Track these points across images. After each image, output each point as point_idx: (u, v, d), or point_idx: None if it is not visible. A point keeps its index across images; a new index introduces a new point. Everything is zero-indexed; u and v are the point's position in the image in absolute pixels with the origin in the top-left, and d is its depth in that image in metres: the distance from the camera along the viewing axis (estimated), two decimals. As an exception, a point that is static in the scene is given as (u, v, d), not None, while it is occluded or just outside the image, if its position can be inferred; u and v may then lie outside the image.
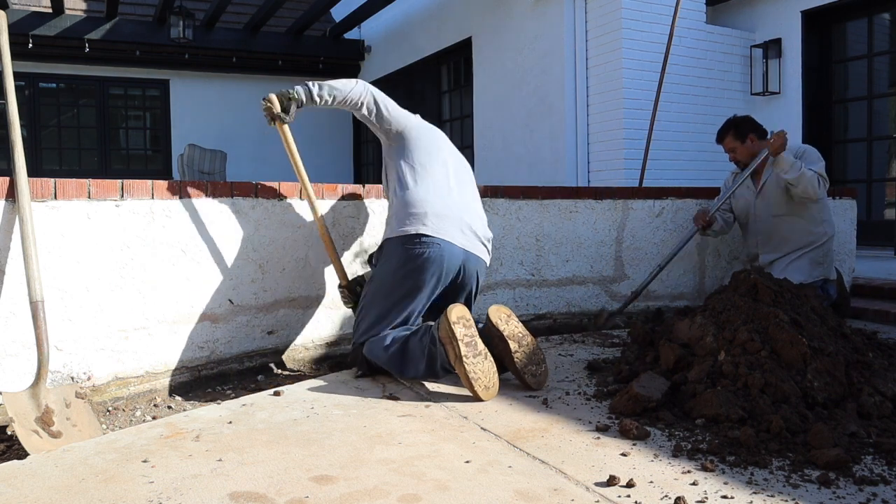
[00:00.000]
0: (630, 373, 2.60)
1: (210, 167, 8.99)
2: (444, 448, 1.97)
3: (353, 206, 3.30)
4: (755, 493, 1.69)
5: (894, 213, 6.15)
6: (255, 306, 3.07)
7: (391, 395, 2.50)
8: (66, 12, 8.78)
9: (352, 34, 10.16)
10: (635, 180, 5.51)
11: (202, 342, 2.92)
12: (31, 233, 2.36)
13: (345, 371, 2.89)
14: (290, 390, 2.57)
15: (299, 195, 3.17)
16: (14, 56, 2.86)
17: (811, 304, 2.67)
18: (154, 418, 2.51)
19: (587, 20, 6.46)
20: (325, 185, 3.24)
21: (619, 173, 6.14)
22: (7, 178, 2.43)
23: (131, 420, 2.55)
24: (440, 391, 2.55)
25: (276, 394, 2.51)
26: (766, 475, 1.80)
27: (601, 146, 6.39)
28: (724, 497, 1.66)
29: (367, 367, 2.74)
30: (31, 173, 2.51)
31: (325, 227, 3.00)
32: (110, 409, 2.62)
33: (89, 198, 2.60)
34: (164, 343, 2.80)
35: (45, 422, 2.17)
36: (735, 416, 2.11)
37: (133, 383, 2.72)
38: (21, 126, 2.74)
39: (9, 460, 1.95)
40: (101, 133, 9.85)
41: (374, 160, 10.81)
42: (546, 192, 3.85)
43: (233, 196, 2.98)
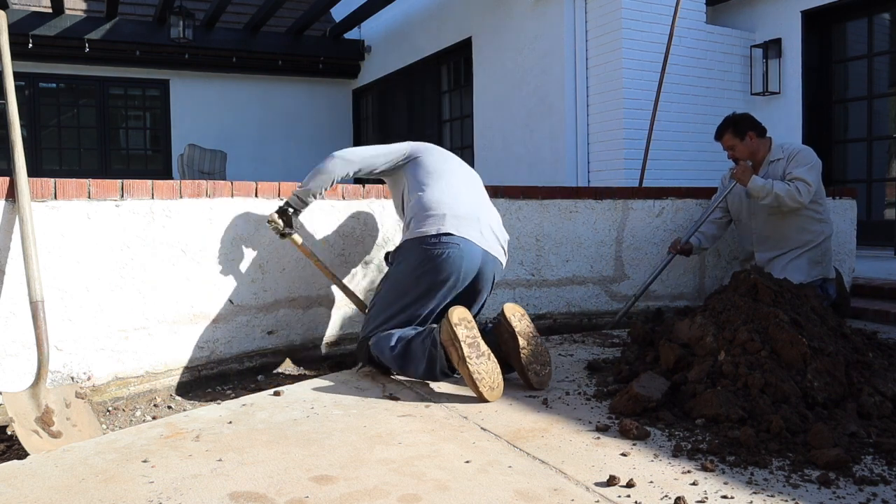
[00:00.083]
0: (630, 373, 2.60)
1: (210, 167, 8.99)
2: (444, 448, 1.97)
3: (353, 207, 3.30)
4: (755, 493, 1.69)
5: (894, 213, 6.15)
6: (255, 306, 3.07)
7: (391, 395, 2.50)
8: (66, 12, 8.78)
9: (352, 34, 10.16)
10: (635, 180, 5.51)
11: (202, 342, 2.92)
12: (31, 233, 2.36)
13: (345, 371, 2.89)
14: (290, 390, 2.57)
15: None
16: (14, 56, 2.86)
17: (811, 304, 2.67)
18: (154, 418, 2.51)
19: (587, 20, 6.46)
20: (325, 185, 3.24)
21: (619, 173, 6.14)
22: (7, 178, 2.43)
23: (131, 420, 2.55)
24: (440, 391, 2.55)
25: (276, 394, 2.51)
26: (766, 475, 1.80)
27: (601, 146, 6.39)
28: (724, 497, 1.66)
29: (371, 362, 2.74)
30: (31, 173, 2.51)
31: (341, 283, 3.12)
32: (110, 409, 2.62)
33: (89, 198, 2.60)
34: (164, 343, 2.80)
35: (45, 422, 2.17)
36: (735, 416, 2.11)
37: (133, 383, 2.72)
38: (21, 126, 2.74)
39: (9, 460, 1.95)
40: (101, 133, 9.85)
41: (374, 160, 10.80)
42: (546, 192, 3.85)
43: (233, 196, 2.99)
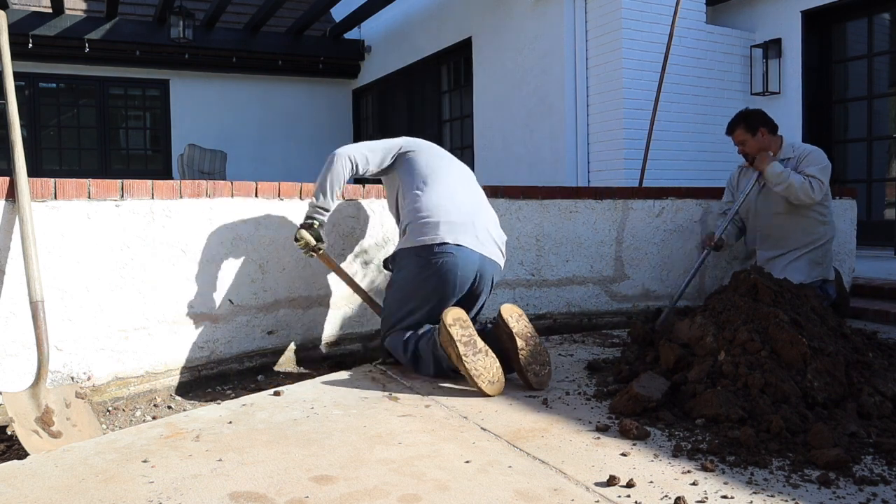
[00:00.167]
0: (630, 373, 2.60)
1: (210, 167, 8.99)
2: (444, 448, 1.97)
3: (353, 207, 3.30)
4: (755, 493, 1.69)
5: (894, 213, 6.15)
6: (255, 306, 3.07)
7: (391, 395, 2.50)
8: (66, 12, 8.77)
9: (352, 34, 10.15)
10: (635, 180, 5.51)
11: (202, 342, 2.92)
12: (31, 233, 2.36)
13: (345, 371, 2.89)
14: (290, 390, 2.57)
15: (299, 195, 3.17)
16: (14, 56, 2.86)
17: (811, 304, 2.67)
18: (154, 418, 2.51)
19: (587, 20, 6.46)
20: (325, 185, 3.24)
21: (619, 173, 6.14)
22: (7, 178, 2.43)
23: (131, 420, 2.55)
24: (440, 391, 2.55)
25: (276, 394, 2.51)
26: (766, 475, 1.80)
27: (601, 146, 6.39)
28: (724, 497, 1.66)
29: (391, 356, 2.91)
30: (31, 173, 2.51)
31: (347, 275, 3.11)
32: (110, 409, 2.62)
33: (89, 198, 2.60)
34: (164, 343, 2.80)
35: (45, 422, 2.17)
36: (735, 416, 2.11)
37: (133, 383, 2.72)
38: (21, 126, 2.74)
39: (9, 460, 1.95)
40: (101, 133, 9.85)
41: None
42: (546, 192, 3.85)
43: (233, 196, 2.99)
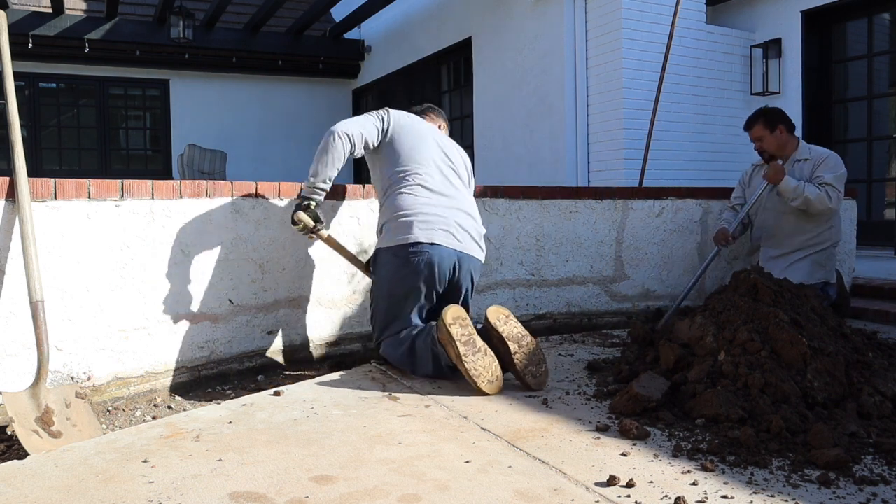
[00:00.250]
0: (630, 373, 2.60)
1: (210, 167, 8.99)
2: (444, 448, 1.97)
3: (353, 207, 3.30)
4: (755, 493, 1.69)
5: (894, 213, 6.15)
6: (255, 306, 3.07)
7: (391, 395, 2.50)
8: (66, 12, 8.77)
9: (352, 34, 10.15)
10: (635, 180, 5.51)
11: (202, 342, 2.92)
12: (31, 233, 2.36)
13: (345, 371, 2.89)
14: (290, 390, 2.57)
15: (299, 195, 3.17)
16: (14, 56, 2.86)
17: (811, 304, 2.67)
18: (154, 418, 2.51)
19: (587, 20, 6.46)
20: (325, 185, 3.24)
21: (619, 173, 6.14)
22: (7, 178, 2.43)
23: (131, 420, 2.55)
24: (440, 391, 2.55)
25: (276, 394, 2.51)
26: (766, 475, 1.80)
27: (601, 146, 6.39)
28: (724, 497, 1.66)
29: (388, 363, 2.88)
30: (31, 173, 2.51)
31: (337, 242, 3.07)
32: (110, 409, 2.62)
33: (89, 198, 2.60)
34: (164, 343, 2.80)
35: (45, 422, 2.17)
36: (735, 416, 2.11)
37: (133, 383, 2.72)
38: (21, 126, 2.74)
39: (9, 460, 1.95)
40: (101, 133, 9.85)
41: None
42: (546, 192, 3.85)
43: (233, 196, 2.99)
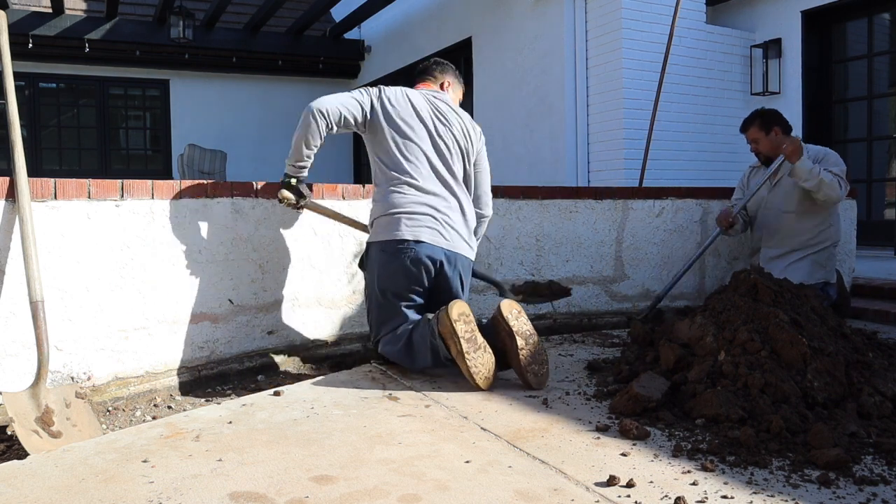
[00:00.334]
0: (630, 373, 2.60)
1: (210, 167, 8.99)
2: (444, 448, 1.97)
3: (353, 207, 3.30)
4: (755, 493, 1.69)
5: (894, 213, 6.15)
6: (255, 306, 3.07)
7: (391, 395, 2.50)
8: (66, 12, 8.77)
9: (352, 34, 10.15)
10: (635, 180, 5.51)
11: (202, 342, 2.92)
12: (31, 233, 2.36)
13: (345, 371, 2.89)
14: (290, 390, 2.57)
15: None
16: (14, 56, 2.86)
17: (811, 304, 2.67)
18: (154, 418, 2.51)
19: (587, 20, 6.46)
20: (325, 185, 3.24)
21: (619, 173, 6.14)
22: (7, 178, 2.43)
23: (131, 420, 2.55)
24: (440, 391, 2.55)
25: (276, 394, 2.51)
26: (766, 475, 1.80)
27: (601, 146, 6.39)
28: (724, 497, 1.66)
29: (386, 360, 2.88)
30: (31, 173, 2.51)
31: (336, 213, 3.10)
32: (110, 409, 2.62)
33: (89, 198, 2.60)
34: (164, 343, 2.80)
35: (45, 422, 2.17)
36: (735, 416, 2.11)
37: (133, 383, 2.72)
38: (21, 126, 2.74)
39: (9, 460, 1.95)
40: (101, 133, 9.85)
41: (374, 160, 10.82)
42: (546, 192, 3.85)
43: (233, 196, 2.98)
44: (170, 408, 2.68)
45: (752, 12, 6.73)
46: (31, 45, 8.52)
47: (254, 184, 3.05)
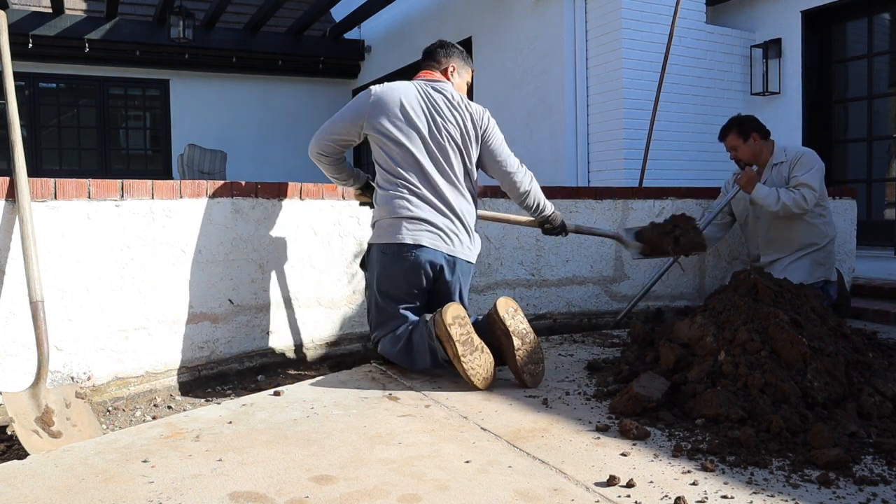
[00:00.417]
0: (630, 373, 2.60)
1: (210, 167, 8.99)
2: (444, 448, 1.97)
3: (353, 206, 3.30)
4: (755, 493, 1.69)
5: (894, 213, 6.15)
6: (255, 306, 3.07)
7: (391, 395, 2.50)
8: (66, 12, 8.77)
9: (352, 34, 10.16)
10: (635, 180, 5.51)
11: (202, 342, 2.92)
12: (31, 233, 2.36)
13: (345, 371, 2.89)
14: (290, 390, 2.57)
15: (299, 195, 3.17)
16: (14, 56, 2.86)
17: (811, 304, 2.67)
18: (154, 418, 2.51)
19: (587, 20, 6.46)
20: (325, 185, 3.24)
21: (619, 173, 6.14)
22: (7, 178, 2.43)
23: (131, 420, 2.55)
24: (440, 391, 2.55)
25: (276, 394, 2.51)
26: (766, 475, 1.80)
27: (601, 146, 6.39)
28: (724, 497, 1.66)
29: (386, 360, 2.88)
30: (31, 173, 2.51)
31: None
32: (110, 409, 2.62)
33: (89, 198, 2.60)
34: (164, 343, 2.80)
35: (45, 422, 2.17)
36: (735, 416, 2.11)
37: (133, 383, 2.72)
38: (21, 126, 2.74)
39: (9, 460, 1.95)
40: (101, 133, 9.85)
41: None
42: (546, 193, 3.83)
43: (233, 196, 2.98)
44: (170, 408, 2.68)
45: (752, 12, 6.73)
46: (31, 45, 8.52)
47: (254, 184, 3.05)
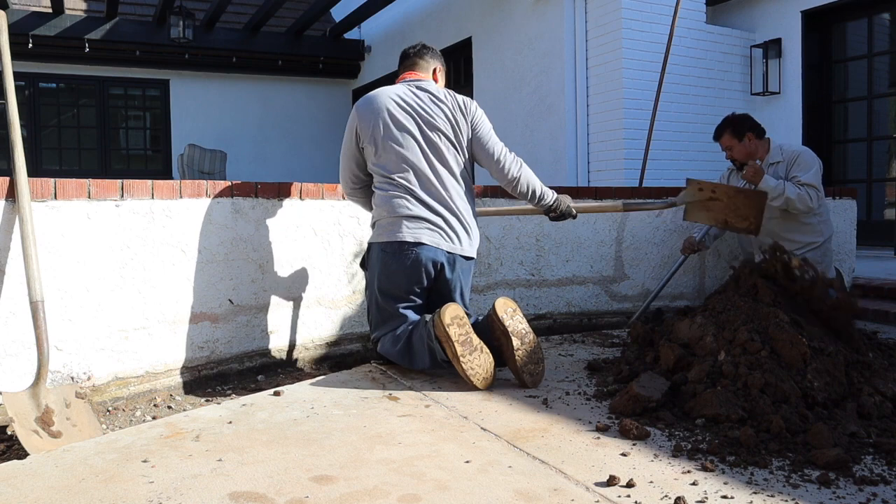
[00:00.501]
0: (630, 373, 2.60)
1: (210, 167, 8.99)
2: (444, 448, 1.97)
3: (354, 207, 3.30)
4: (755, 493, 1.69)
5: (894, 213, 6.15)
6: (255, 306, 3.07)
7: (391, 395, 2.50)
8: (66, 12, 8.77)
9: (352, 34, 10.15)
10: (635, 180, 5.51)
11: (202, 342, 2.92)
12: (31, 233, 2.36)
13: (345, 371, 2.89)
14: (290, 390, 2.57)
15: (299, 195, 3.17)
16: (14, 56, 2.86)
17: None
18: (154, 418, 2.51)
19: (587, 20, 6.46)
20: (326, 185, 3.24)
21: (619, 173, 6.14)
22: (7, 178, 2.43)
23: (131, 420, 2.55)
24: (440, 391, 2.55)
25: (276, 394, 2.51)
26: (766, 475, 1.80)
27: (601, 146, 6.39)
28: (724, 497, 1.66)
29: (386, 360, 2.88)
30: (31, 173, 2.51)
31: None
32: (110, 409, 2.62)
33: (89, 198, 2.60)
34: (164, 343, 2.80)
35: (45, 422, 2.17)
36: (735, 416, 2.11)
37: (133, 383, 2.72)
38: (21, 126, 2.74)
39: (9, 460, 1.95)
40: (101, 133, 9.85)
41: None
42: (546, 192, 3.84)
43: (233, 196, 2.98)
44: (170, 408, 2.68)
45: (752, 12, 6.73)
46: (31, 45, 8.52)
47: (254, 184, 3.05)
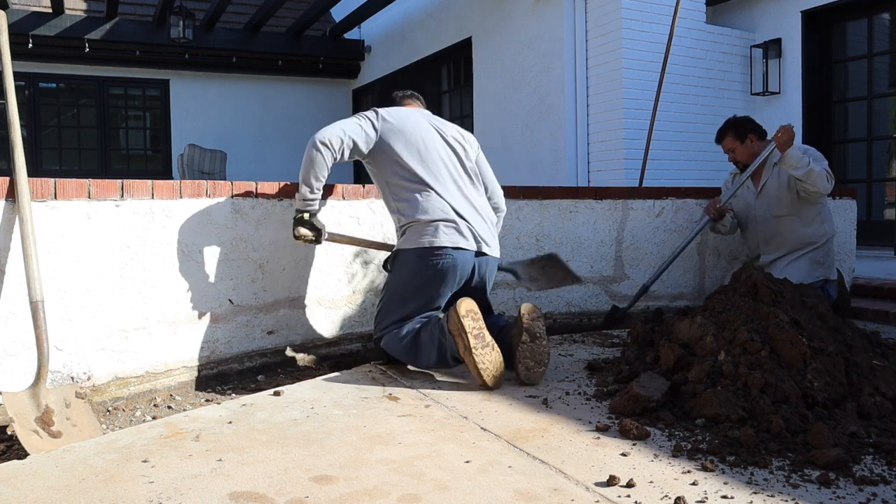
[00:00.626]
0: (630, 373, 2.60)
1: (210, 167, 8.99)
2: (444, 448, 1.97)
3: (354, 207, 3.30)
4: (755, 493, 1.69)
5: (894, 213, 6.15)
6: (255, 306, 3.07)
7: (391, 394, 2.50)
8: (66, 12, 8.78)
9: (352, 34, 10.16)
10: (635, 180, 5.51)
11: (202, 342, 2.92)
12: (31, 233, 2.36)
13: (345, 371, 2.89)
14: (290, 390, 2.57)
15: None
16: (14, 56, 2.86)
17: (811, 303, 2.67)
18: (154, 418, 2.51)
19: (587, 20, 6.46)
20: (325, 186, 3.24)
21: (619, 173, 6.14)
22: (7, 178, 2.43)
23: (131, 420, 2.55)
24: (440, 391, 2.55)
25: (276, 394, 2.51)
26: (766, 475, 1.80)
27: (601, 146, 6.39)
28: (724, 497, 1.66)
29: (386, 357, 2.88)
30: (31, 173, 2.51)
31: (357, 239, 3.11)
32: (110, 409, 2.62)
33: (89, 198, 2.60)
34: (164, 343, 2.80)
35: (45, 422, 2.17)
36: (735, 416, 2.11)
37: (133, 383, 2.72)
38: (21, 126, 2.74)
39: (9, 460, 1.95)
40: (101, 133, 9.85)
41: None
42: (546, 192, 3.85)
43: (233, 196, 2.99)
44: (170, 408, 2.68)
45: (751, 12, 6.73)
46: (31, 45, 8.52)
47: (254, 184, 3.05)
